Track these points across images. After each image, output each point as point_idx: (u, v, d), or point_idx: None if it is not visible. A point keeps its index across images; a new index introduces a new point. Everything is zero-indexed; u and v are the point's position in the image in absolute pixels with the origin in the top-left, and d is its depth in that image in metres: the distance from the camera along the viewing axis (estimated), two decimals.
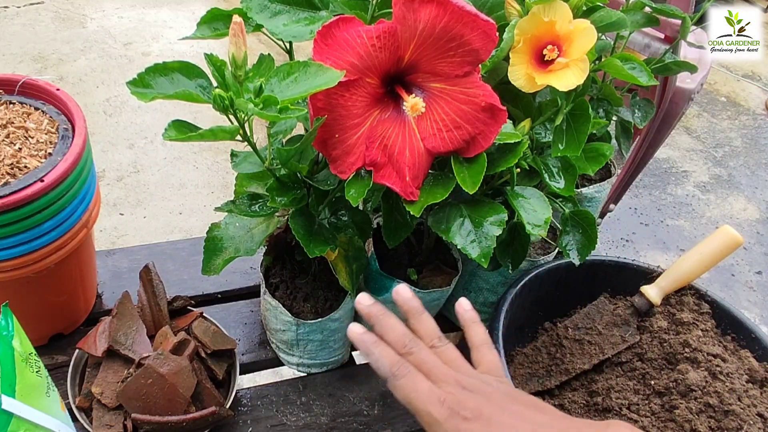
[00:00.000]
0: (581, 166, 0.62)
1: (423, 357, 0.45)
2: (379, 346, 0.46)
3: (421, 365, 0.45)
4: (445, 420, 0.42)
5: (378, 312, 0.47)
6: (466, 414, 0.42)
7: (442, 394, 0.43)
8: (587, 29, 0.53)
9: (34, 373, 0.51)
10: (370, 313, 0.48)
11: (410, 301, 0.49)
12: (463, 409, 0.42)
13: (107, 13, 2.65)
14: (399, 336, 0.46)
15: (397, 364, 0.45)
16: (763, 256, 2.04)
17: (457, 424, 0.41)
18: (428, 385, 0.43)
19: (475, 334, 0.50)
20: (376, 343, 0.46)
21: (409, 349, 0.46)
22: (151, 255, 0.83)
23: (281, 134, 0.57)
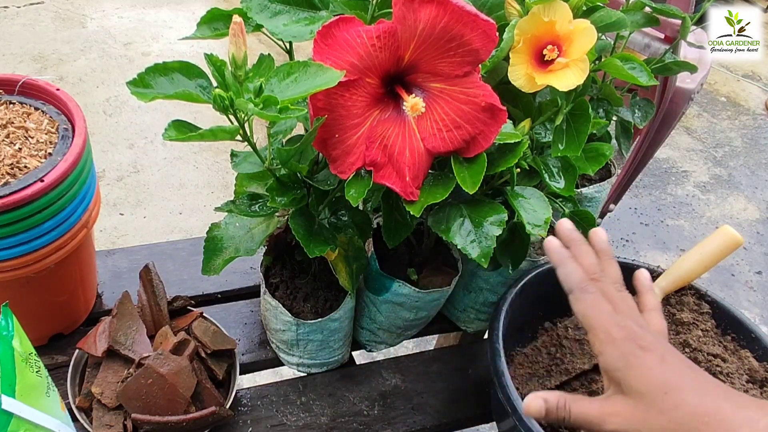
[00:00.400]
0: (581, 166, 0.62)
1: (609, 289, 0.47)
2: (574, 262, 0.48)
3: (605, 293, 0.47)
4: (622, 340, 0.43)
5: (578, 238, 0.50)
6: (643, 343, 0.43)
7: (621, 320, 0.45)
8: (587, 29, 0.53)
9: (34, 373, 0.51)
10: (571, 237, 0.50)
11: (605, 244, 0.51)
12: (641, 339, 0.44)
13: (107, 13, 2.65)
14: (592, 263, 0.49)
15: (586, 281, 0.47)
16: (763, 256, 2.04)
17: (633, 349, 0.43)
18: (610, 309, 0.46)
19: (648, 299, 0.52)
20: (572, 258, 0.48)
21: (598, 276, 0.48)
22: (151, 255, 0.83)
23: (281, 134, 0.57)
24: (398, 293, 0.68)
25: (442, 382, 0.76)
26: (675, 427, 0.41)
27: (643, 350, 0.43)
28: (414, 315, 0.72)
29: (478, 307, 0.79)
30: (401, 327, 0.74)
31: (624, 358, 0.43)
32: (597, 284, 0.47)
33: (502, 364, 0.61)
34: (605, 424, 0.44)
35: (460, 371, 0.78)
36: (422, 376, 0.76)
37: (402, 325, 0.74)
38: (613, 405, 0.44)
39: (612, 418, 0.43)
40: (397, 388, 0.74)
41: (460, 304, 0.80)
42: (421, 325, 0.77)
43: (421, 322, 0.76)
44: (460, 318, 0.82)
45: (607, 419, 0.44)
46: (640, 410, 0.42)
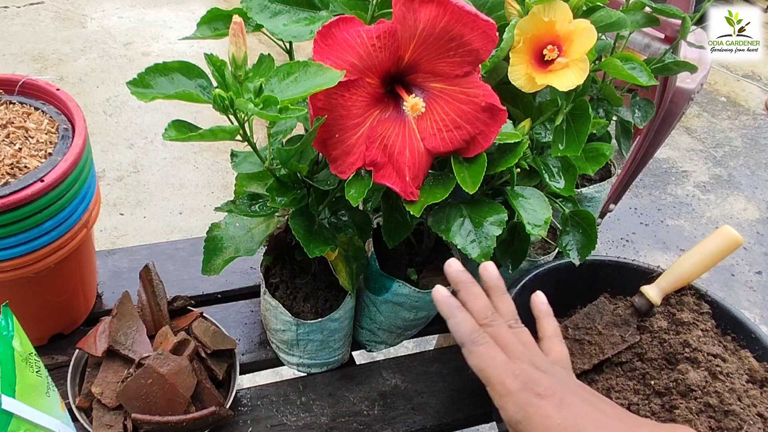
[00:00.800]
0: (581, 166, 0.62)
1: (501, 332, 0.47)
2: (463, 312, 0.47)
3: (498, 339, 0.46)
4: (518, 391, 0.43)
5: (467, 279, 0.49)
6: (539, 390, 0.43)
7: (516, 368, 0.44)
8: (587, 29, 0.53)
9: (34, 373, 0.51)
10: (459, 279, 0.49)
11: (496, 279, 0.51)
12: (537, 385, 0.43)
13: (107, 13, 2.65)
14: (482, 307, 0.48)
15: (477, 331, 0.46)
16: (763, 256, 2.04)
17: (529, 398, 0.42)
18: (504, 358, 0.45)
19: (547, 325, 0.52)
20: (461, 308, 0.47)
21: (490, 321, 0.47)
22: (151, 255, 0.83)
23: (281, 134, 0.57)
24: (398, 293, 0.68)
25: (442, 382, 0.76)
26: None
27: (540, 398, 0.42)
28: (414, 315, 0.72)
29: None
30: (401, 327, 0.74)
31: (522, 410, 0.42)
32: (489, 330, 0.46)
33: None
34: None
35: (460, 371, 0.78)
36: (422, 376, 0.76)
37: (402, 325, 0.74)
38: None
39: None
40: (397, 388, 0.74)
41: None
42: (421, 325, 0.78)
43: (421, 322, 0.76)
44: None
45: None
46: None
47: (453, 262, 0.50)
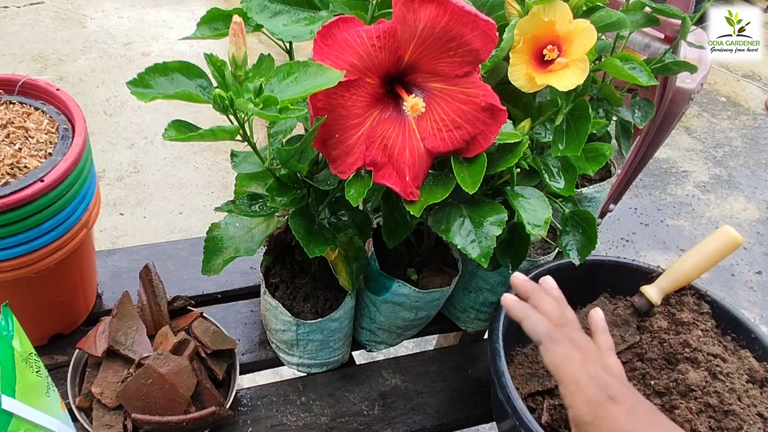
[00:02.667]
0: (581, 166, 0.62)
1: (576, 334, 0.48)
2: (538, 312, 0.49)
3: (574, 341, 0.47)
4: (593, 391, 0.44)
5: (534, 287, 0.51)
6: (612, 394, 0.44)
7: (592, 370, 0.45)
8: (587, 29, 0.53)
9: (34, 373, 0.51)
10: (527, 287, 0.51)
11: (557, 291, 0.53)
12: (610, 389, 0.44)
13: (107, 13, 2.65)
14: (555, 309, 0.49)
15: (554, 329, 0.47)
16: (763, 256, 2.04)
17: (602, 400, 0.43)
18: (581, 358, 0.46)
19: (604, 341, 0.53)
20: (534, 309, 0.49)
21: (564, 322, 0.48)
22: (151, 255, 0.83)
23: (281, 134, 0.57)
24: (398, 293, 0.68)
25: (442, 382, 0.76)
26: None
27: (613, 402, 0.43)
28: (414, 315, 0.72)
29: (478, 307, 0.79)
30: (401, 327, 0.74)
31: (593, 411, 0.43)
32: (564, 331, 0.47)
33: (502, 364, 0.61)
34: None
35: (460, 371, 0.78)
36: (422, 376, 0.76)
37: (402, 325, 0.74)
38: None
39: None
40: (397, 388, 0.74)
41: (460, 304, 0.80)
42: (421, 325, 0.77)
43: (421, 322, 0.76)
44: (460, 318, 0.82)
45: None
46: None
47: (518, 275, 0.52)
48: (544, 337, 0.47)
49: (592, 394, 0.44)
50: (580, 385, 0.44)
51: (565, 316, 0.50)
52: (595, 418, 0.43)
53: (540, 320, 0.48)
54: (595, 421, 0.43)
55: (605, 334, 0.54)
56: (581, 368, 0.45)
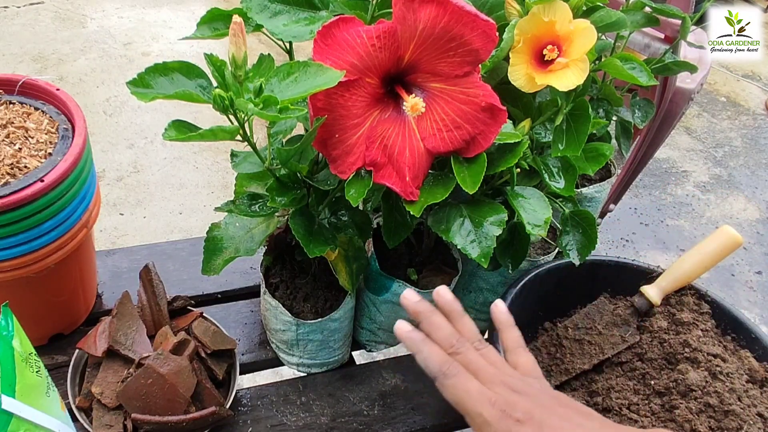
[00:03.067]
0: (581, 166, 0.62)
1: (470, 357, 0.46)
2: (428, 344, 0.46)
3: (468, 365, 0.45)
4: (497, 422, 0.42)
5: (426, 309, 0.48)
6: (517, 416, 0.42)
7: (492, 395, 0.43)
8: (587, 29, 0.53)
9: (34, 373, 0.51)
10: (418, 310, 0.48)
11: (452, 303, 0.50)
12: (515, 410, 0.42)
13: (107, 13, 2.65)
14: (447, 335, 0.47)
15: (446, 363, 0.45)
16: (763, 256, 2.04)
17: (509, 426, 0.42)
18: (478, 386, 0.44)
19: (510, 337, 0.50)
20: (425, 341, 0.46)
21: (457, 349, 0.46)
22: (151, 255, 0.83)
23: (281, 134, 0.57)
24: (398, 293, 0.68)
25: None
26: None
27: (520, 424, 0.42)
28: None
29: (478, 307, 0.79)
30: None
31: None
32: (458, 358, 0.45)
33: None
34: None
35: None
36: (422, 376, 0.75)
37: None
38: None
39: None
40: (397, 388, 0.74)
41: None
42: None
43: None
44: None
45: None
46: None
47: (408, 294, 0.49)
48: (438, 373, 0.45)
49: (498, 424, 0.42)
50: (484, 417, 0.42)
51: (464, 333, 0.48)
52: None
53: (431, 354, 0.46)
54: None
55: (510, 329, 0.51)
56: (480, 397, 0.43)
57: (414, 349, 0.46)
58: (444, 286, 0.51)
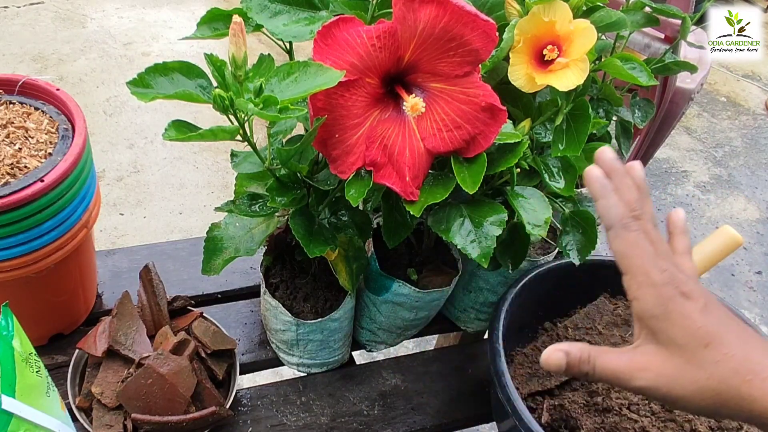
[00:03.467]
0: (581, 166, 0.62)
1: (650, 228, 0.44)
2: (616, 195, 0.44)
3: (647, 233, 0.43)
4: (664, 285, 0.40)
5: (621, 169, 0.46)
6: (685, 289, 0.40)
7: (664, 264, 0.41)
8: (587, 29, 0.52)
9: (34, 373, 0.51)
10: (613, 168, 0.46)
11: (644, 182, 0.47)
12: (684, 285, 0.40)
13: (107, 13, 2.65)
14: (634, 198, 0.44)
15: (628, 217, 0.43)
16: (763, 256, 2.04)
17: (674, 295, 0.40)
18: (653, 250, 0.42)
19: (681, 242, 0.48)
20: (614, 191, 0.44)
21: (640, 214, 0.44)
22: (151, 255, 0.83)
23: (281, 134, 0.57)
24: (398, 293, 0.68)
25: (442, 382, 0.76)
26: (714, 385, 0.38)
27: (685, 297, 0.40)
28: (414, 315, 0.72)
29: (478, 307, 0.79)
30: (401, 327, 0.74)
31: (663, 304, 0.40)
32: (639, 222, 0.43)
33: (502, 364, 0.61)
34: (634, 380, 0.40)
35: (460, 371, 0.78)
36: (422, 376, 0.76)
37: (402, 325, 0.74)
38: (645, 357, 0.40)
39: (642, 373, 0.40)
40: (397, 388, 0.74)
41: (460, 304, 0.80)
42: (421, 325, 0.77)
43: (421, 322, 0.76)
44: (460, 318, 0.82)
45: (636, 375, 0.40)
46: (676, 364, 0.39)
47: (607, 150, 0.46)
48: (617, 222, 0.43)
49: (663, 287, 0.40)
50: (650, 277, 0.40)
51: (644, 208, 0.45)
52: (666, 311, 0.40)
53: (617, 204, 0.43)
54: (665, 314, 0.40)
55: (683, 236, 0.49)
56: (651, 260, 0.41)
57: (600, 194, 0.44)
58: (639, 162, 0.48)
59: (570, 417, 0.64)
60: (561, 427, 0.64)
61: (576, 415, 0.64)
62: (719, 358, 0.38)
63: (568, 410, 0.65)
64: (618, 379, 0.41)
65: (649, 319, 0.40)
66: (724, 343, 0.39)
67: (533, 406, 0.67)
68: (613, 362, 0.41)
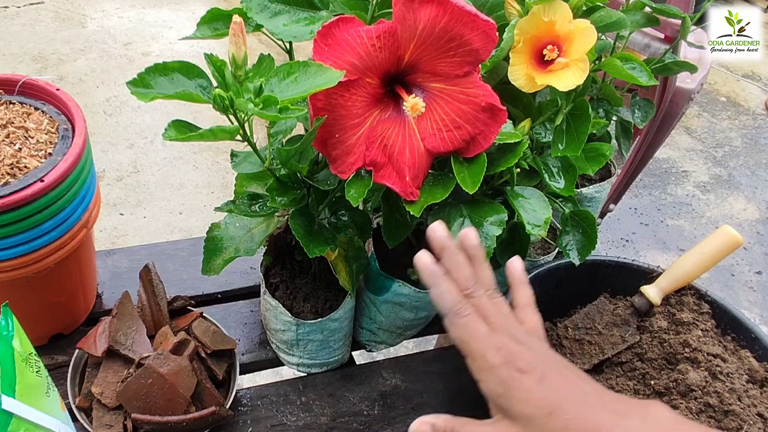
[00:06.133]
0: (581, 166, 0.62)
1: (483, 303, 0.46)
2: (447, 281, 0.46)
3: (480, 310, 0.46)
4: (500, 366, 0.43)
5: (452, 246, 0.48)
6: (521, 365, 0.42)
7: (499, 341, 0.44)
8: (587, 29, 0.53)
9: (34, 373, 0.51)
10: (444, 245, 0.48)
11: (476, 248, 0.49)
12: (518, 360, 0.43)
13: (107, 13, 2.65)
14: (466, 277, 0.47)
15: (460, 302, 0.45)
16: (763, 256, 2.04)
17: (510, 374, 0.42)
18: (486, 330, 0.44)
19: (522, 294, 0.51)
20: (444, 277, 0.46)
21: (472, 292, 0.46)
22: (151, 255, 0.83)
23: (281, 134, 0.57)
24: (398, 293, 0.68)
25: (442, 382, 0.76)
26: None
27: (522, 373, 0.42)
28: (414, 315, 0.72)
29: None
30: (401, 327, 0.74)
31: (503, 383, 0.43)
32: (471, 301, 0.46)
33: None
34: None
35: (460, 371, 0.77)
36: (422, 376, 0.76)
37: (402, 325, 0.74)
38: (501, 429, 0.43)
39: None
40: (397, 388, 0.74)
41: None
42: (421, 325, 0.77)
43: (421, 322, 0.76)
44: None
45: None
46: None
47: (438, 226, 0.48)
48: (450, 311, 0.45)
49: (499, 369, 0.43)
50: (487, 360, 0.43)
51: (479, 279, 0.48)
52: (506, 389, 0.42)
53: (447, 291, 0.46)
54: (507, 392, 0.42)
55: (523, 286, 0.51)
56: (487, 341, 0.44)
57: (431, 283, 0.46)
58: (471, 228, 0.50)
59: None
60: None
61: None
62: (562, 424, 0.41)
63: None
64: None
65: (496, 398, 0.43)
66: (562, 410, 0.41)
67: None
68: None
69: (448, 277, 0.47)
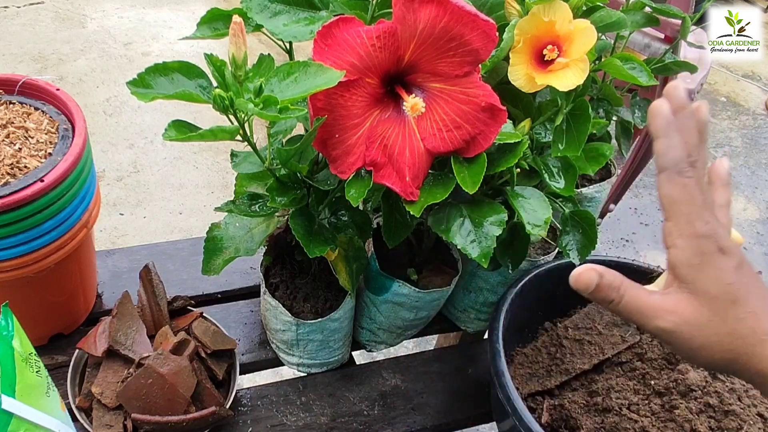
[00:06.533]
0: (581, 166, 0.62)
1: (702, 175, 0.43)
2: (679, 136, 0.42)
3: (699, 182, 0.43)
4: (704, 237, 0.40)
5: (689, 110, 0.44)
6: (723, 244, 0.41)
7: (708, 215, 0.41)
8: (587, 29, 0.52)
9: (34, 373, 0.51)
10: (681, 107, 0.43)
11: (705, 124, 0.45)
12: (722, 240, 0.41)
13: (107, 13, 2.65)
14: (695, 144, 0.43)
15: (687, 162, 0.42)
16: (763, 256, 2.04)
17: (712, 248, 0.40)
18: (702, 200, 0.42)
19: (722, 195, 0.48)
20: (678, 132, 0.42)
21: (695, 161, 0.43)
22: (151, 255, 0.83)
23: (281, 134, 0.57)
24: (398, 293, 0.68)
25: (442, 382, 0.76)
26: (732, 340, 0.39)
27: (722, 252, 0.40)
28: (414, 315, 0.72)
29: (478, 307, 0.79)
30: (401, 327, 0.74)
31: (701, 255, 0.40)
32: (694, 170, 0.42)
33: (502, 364, 0.61)
34: (657, 320, 0.41)
35: (460, 371, 0.78)
36: (422, 376, 0.76)
37: (402, 325, 0.74)
38: (675, 302, 0.41)
39: (668, 315, 0.41)
40: (397, 388, 0.74)
41: (460, 304, 0.80)
42: (421, 325, 0.77)
43: (421, 322, 0.76)
44: (460, 318, 0.82)
45: (662, 315, 0.41)
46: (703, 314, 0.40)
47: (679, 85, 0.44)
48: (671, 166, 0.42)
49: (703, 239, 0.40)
50: (693, 226, 0.40)
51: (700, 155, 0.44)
52: (701, 263, 0.40)
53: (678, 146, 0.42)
54: (701, 265, 0.40)
55: (725, 188, 0.48)
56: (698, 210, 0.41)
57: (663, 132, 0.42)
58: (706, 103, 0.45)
59: (570, 417, 0.64)
60: (561, 427, 0.64)
61: (576, 415, 0.64)
62: (743, 316, 0.39)
63: (568, 410, 0.65)
64: (641, 315, 0.42)
65: (685, 267, 0.41)
66: (749, 302, 0.40)
67: (533, 406, 0.67)
68: (642, 298, 0.42)
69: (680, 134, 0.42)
